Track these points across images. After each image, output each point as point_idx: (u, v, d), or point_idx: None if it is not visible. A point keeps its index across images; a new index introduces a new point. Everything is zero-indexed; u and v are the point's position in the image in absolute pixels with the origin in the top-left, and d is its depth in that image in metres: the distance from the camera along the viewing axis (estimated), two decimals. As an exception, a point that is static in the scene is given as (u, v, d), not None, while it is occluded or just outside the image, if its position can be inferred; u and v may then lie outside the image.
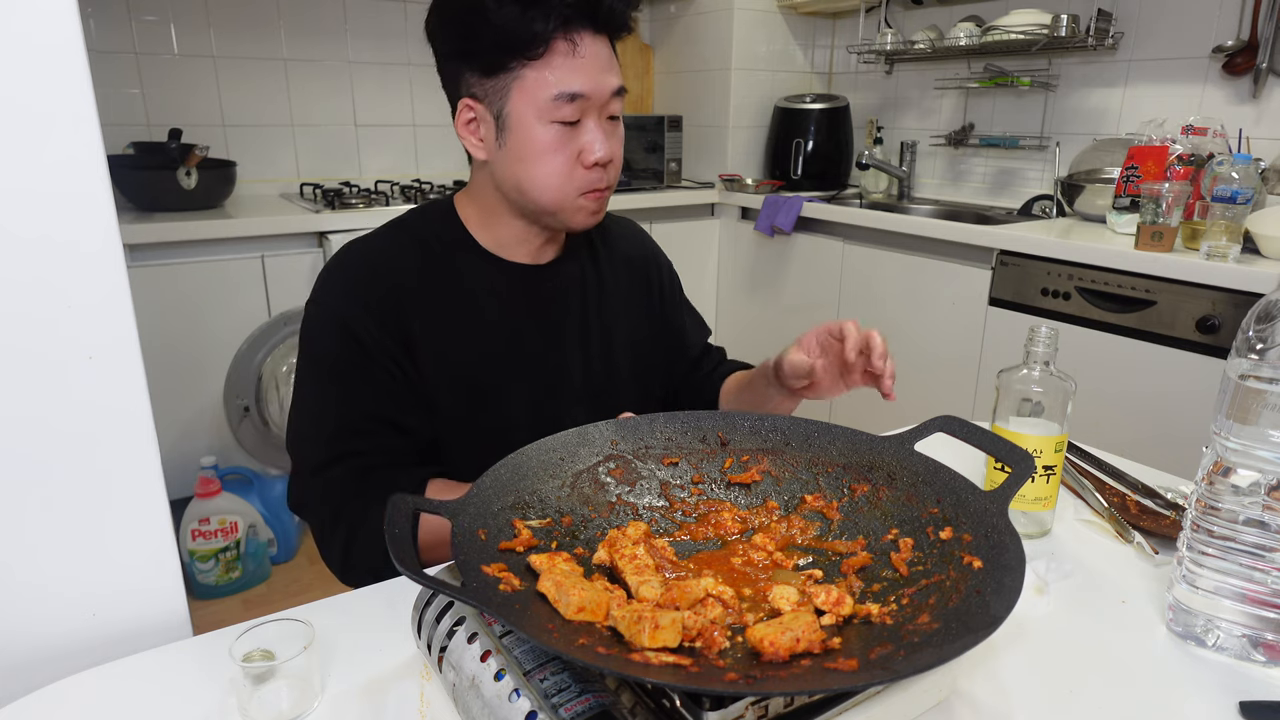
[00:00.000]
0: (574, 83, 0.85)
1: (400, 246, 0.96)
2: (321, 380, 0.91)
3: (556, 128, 0.87)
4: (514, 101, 0.87)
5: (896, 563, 0.62)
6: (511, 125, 0.88)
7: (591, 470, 0.71)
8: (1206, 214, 1.80)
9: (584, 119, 0.88)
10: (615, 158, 0.92)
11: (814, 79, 3.23)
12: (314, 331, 0.93)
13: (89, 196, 0.63)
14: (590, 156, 0.88)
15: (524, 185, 0.90)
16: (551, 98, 0.85)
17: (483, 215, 0.98)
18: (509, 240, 0.98)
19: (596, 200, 0.92)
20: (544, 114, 0.86)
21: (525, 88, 0.86)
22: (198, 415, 2.18)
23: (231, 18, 2.52)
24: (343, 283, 0.93)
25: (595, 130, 0.88)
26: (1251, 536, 0.65)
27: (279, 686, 0.59)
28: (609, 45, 0.89)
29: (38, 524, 0.66)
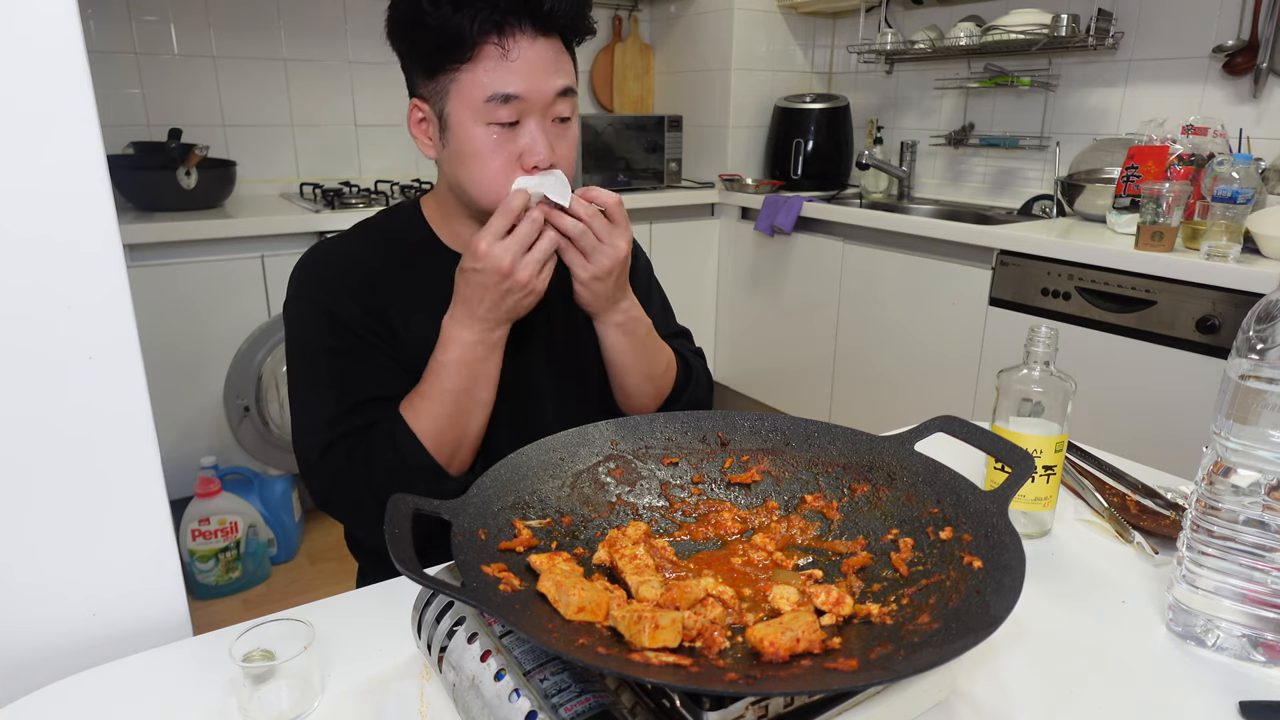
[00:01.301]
0: (506, 84, 0.85)
1: (369, 243, 0.99)
2: (317, 371, 0.93)
3: (494, 129, 0.87)
4: (452, 103, 0.87)
5: (896, 563, 0.62)
6: (451, 126, 0.88)
7: (591, 470, 0.71)
8: (1207, 214, 1.80)
9: (524, 121, 0.87)
10: (561, 160, 0.90)
11: (814, 79, 3.23)
12: (301, 327, 0.94)
13: (89, 196, 0.63)
14: (529, 159, 0.88)
15: (465, 185, 0.91)
16: (484, 99, 0.85)
17: (443, 213, 1.00)
18: (466, 237, 0.98)
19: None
20: (479, 115, 0.86)
21: (460, 89, 0.86)
22: (198, 415, 2.18)
23: (231, 18, 2.52)
24: (320, 276, 0.95)
25: (535, 132, 0.88)
26: (1251, 536, 0.65)
27: (279, 686, 0.59)
28: (558, 45, 0.89)
29: (38, 524, 0.66)
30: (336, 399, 0.91)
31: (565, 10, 0.86)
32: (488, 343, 0.88)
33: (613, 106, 3.32)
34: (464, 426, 0.90)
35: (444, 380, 0.88)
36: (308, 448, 0.91)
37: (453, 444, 0.90)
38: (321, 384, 0.92)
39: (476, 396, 0.90)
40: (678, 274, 2.92)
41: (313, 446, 0.91)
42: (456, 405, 0.89)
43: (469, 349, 0.87)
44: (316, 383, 0.93)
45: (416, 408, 0.89)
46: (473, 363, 0.88)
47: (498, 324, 0.88)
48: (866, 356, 2.53)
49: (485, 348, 0.88)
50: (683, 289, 2.95)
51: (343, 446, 0.90)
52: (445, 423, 0.89)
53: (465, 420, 0.90)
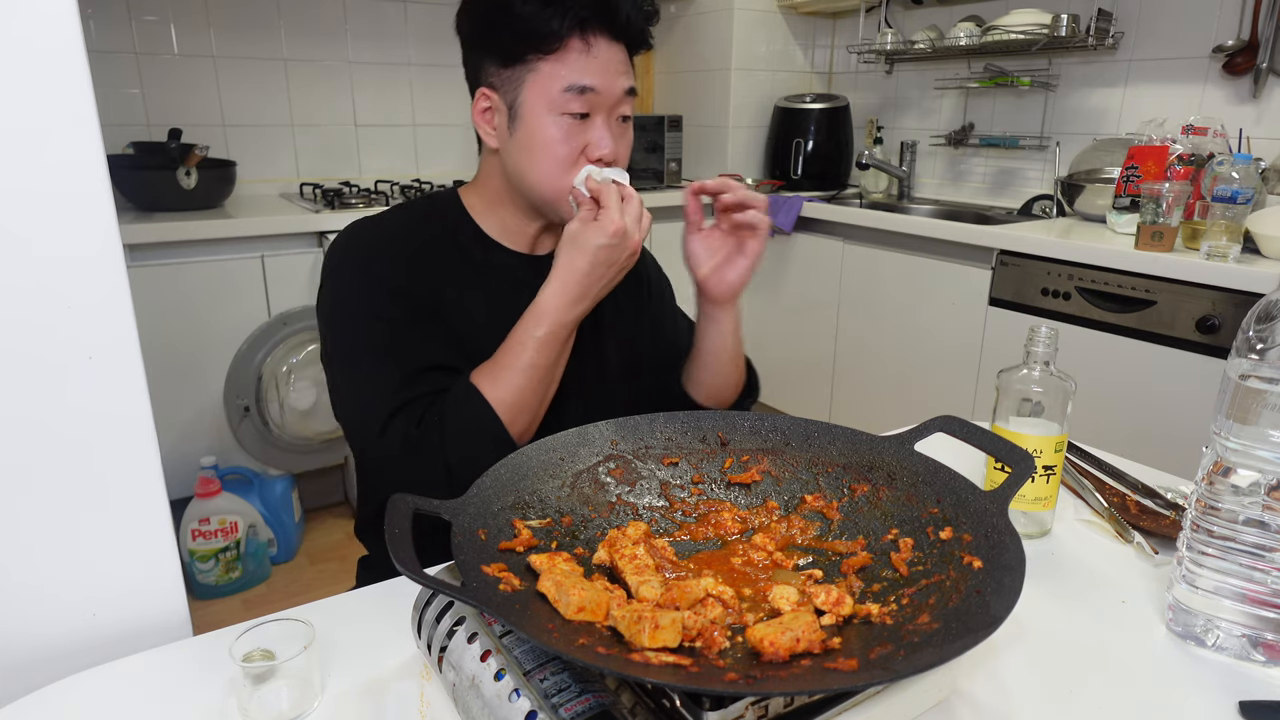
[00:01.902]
0: (585, 77, 0.89)
1: (413, 223, 1.00)
2: (374, 341, 0.92)
3: (565, 121, 0.90)
4: (527, 92, 0.91)
5: (896, 563, 0.62)
6: (523, 115, 0.92)
7: (591, 470, 0.71)
8: (1206, 214, 1.80)
9: (593, 115, 0.92)
10: (620, 159, 0.95)
11: (814, 79, 3.23)
12: (352, 299, 0.94)
13: (89, 197, 0.63)
14: (595, 152, 0.92)
15: (527, 174, 0.94)
16: (562, 89, 0.89)
17: (486, 204, 1.01)
18: (509, 229, 1.01)
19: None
20: (554, 106, 0.90)
21: (538, 80, 0.90)
22: (198, 415, 2.18)
23: (231, 18, 2.52)
24: (372, 248, 0.96)
25: (602, 128, 0.92)
26: (1251, 536, 0.65)
27: (279, 686, 0.59)
28: (625, 53, 0.93)
29: (38, 524, 0.66)
30: (397, 365, 0.90)
31: (636, 20, 0.93)
32: (578, 321, 0.92)
33: (613, 106, 3.32)
34: (540, 401, 0.92)
35: (531, 355, 0.89)
36: (369, 417, 0.90)
37: (529, 416, 0.91)
38: (379, 353, 0.91)
39: (554, 373, 0.93)
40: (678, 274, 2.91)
41: (376, 416, 0.89)
42: (539, 379, 0.90)
43: (565, 327, 0.90)
44: (374, 351, 0.91)
45: (495, 379, 0.89)
46: (564, 341, 0.91)
47: (599, 299, 0.92)
48: (866, 356, 2.53)
49: (573, 327, 0.92)
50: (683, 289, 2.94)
51: (409, 413, 0.88)
52: (527, 394, 0.89)
53: (542, 394, 0.92)
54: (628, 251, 0.89)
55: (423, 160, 2.95)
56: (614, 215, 0.87)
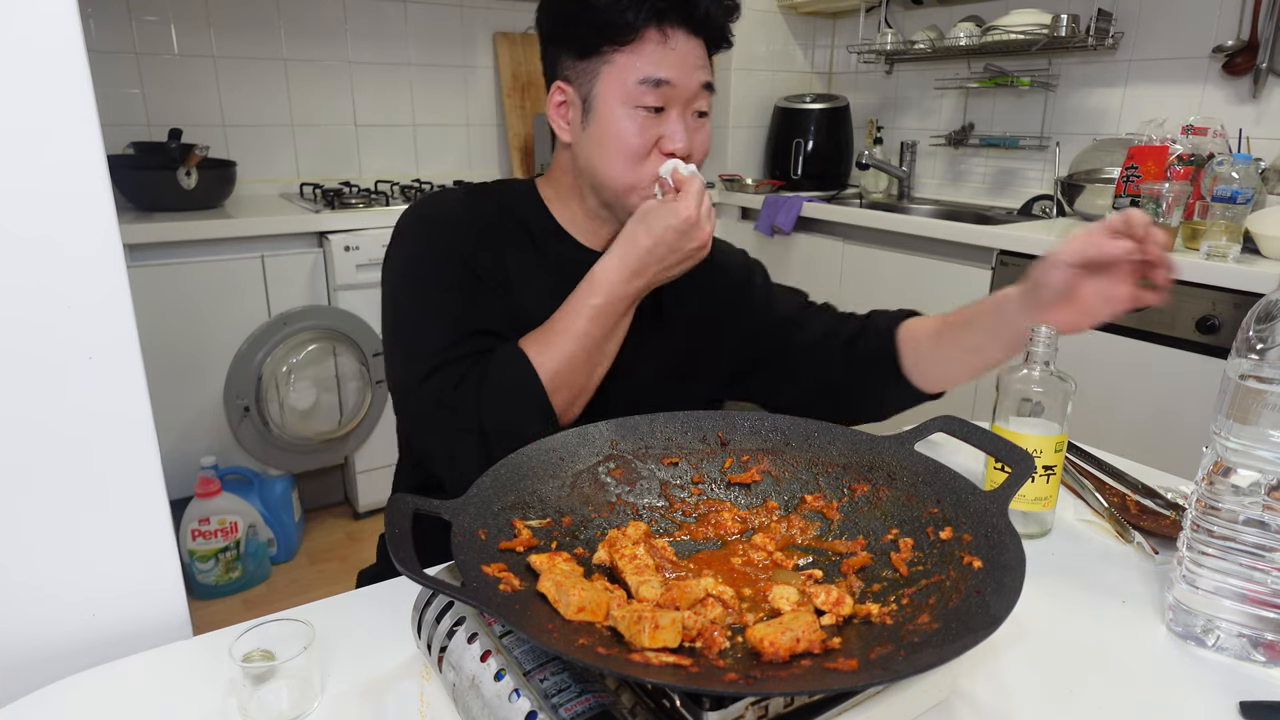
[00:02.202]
0: (660, 70, 0.88)
1: (485, 201, 0.99)
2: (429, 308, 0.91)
3: (639, 114, 0.89)
4: (602, 84, 0.90)
5: (896, 563, 0.62)
6: (597, 107, 0.90)
7: (591, 470, 0.71)
8: (1206, 214, 1.80)
9: (668, 109, 0.90)
10: (695, 154, 0.93)
11: (814, 79, 3.23)
12: (417, 263, 0.93)
13: (89, 197, 0.63)
14: (668, 145, 0.90)
15: (598, 168, 0.92)
16: (637, 81, 0.88)
17: (558, 199, 1.00)
18: (581, 225, 1.00)
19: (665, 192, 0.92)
20: (628, 98, 0.89)
21: (613, 72, 0.89)
22: (198, 415, 2.18)
23: (231, 18, 2.52)
24: (443, 220, 0.95)
25: (677, 122, 0.90)
26: (1251, 536, 0.65)
27: (279, 686, 0.59)
28: (703, 49, 0.92)
29: (37, 524, 0.66)
30: (449, 329, 0.89)
31: (716, 15, 0.91)
32: (635, 297, 0.90)
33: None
34: (588, 375, 0.90)
35: (585, 324, 0.88)
36: (409, 376, 0.89)
37: (574, 390, 0.89)
38: (433, 318, 0.90)
39: (606, 349, 0.91)
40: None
41: (415, 374, 0.88)
42: (588, 351, 0.89)
43: (622, 301, 0.89)
44: (427, 317, 0.91)
45: (544, 344, 0.88)
46: (619, 315, 0.90)
47: (654, 282, 0.90)
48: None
49: (630, 303, 0.90)
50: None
51: (449, 371, 0.87)
52: (575, 365, 0.88)
53: (591, 369, 0.90)
54: (695, 242, 0.88)
55: (423, 160, 2.95)
56: (690, 203, 0.86)
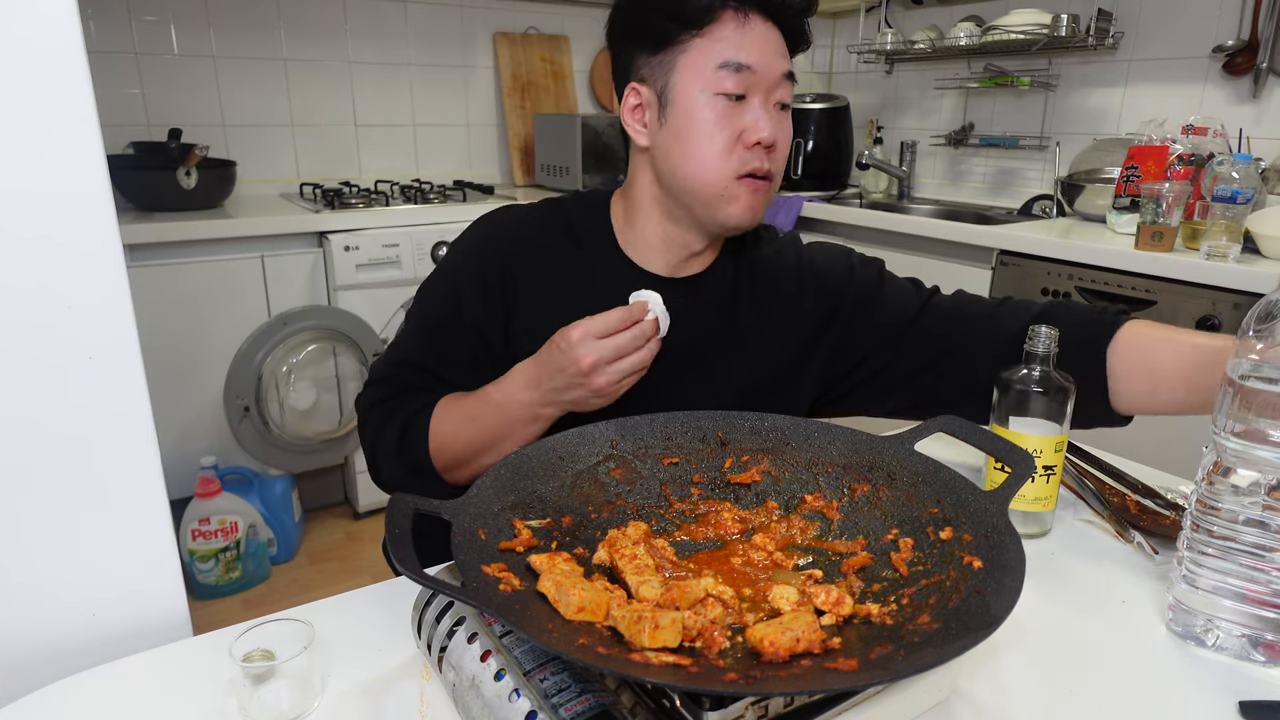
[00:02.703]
0: (740, 53, 0.84)
1: (544, 227, 0.96)
2: (417, 320, 0.98)
3: (720, 101, 0.85)
4: (679, 74, 0.86)
5: (896, 563, 0.62)
6: (674, 99, 0.86)
7: (591, 470, 0.71)
8: (1206, 214, 1.80)
9: (749, 97, 0.86)
10: (780, 145, 0.88)
11: (814, 79, 3.23)
12: (437, 280, 0.97)
13: (89, 196, 0.63)
14: (753, 135, 0.85)
15: (681, 165, 0.87)
16: (716, 65, 0.84)
17: (629, 214, 0.95)
18: (650, 245, 0.94)
19: (754, 190, 0.87)
20: (708, 84, 0.84)
21: (690, 58, 0.85)
22: (198, 415, 2.18)
23: (231, 18, 2.52)
24: (476, 250, 0.96)
25: (760, 110, 0.85)
26: (1251, 536, 0.65)
27: (279, 686, 0.59)
28: (781, 40, 0.88)
29: (37, 524, 0.66)
30: (412, 348, 0.96)
31: (794, 5, 0.87)
32: (535, 413, 0.85)
33: (613, 107, 3.32)
34: (472, 458, 0.89)
35: (483, 412, 0.88)
36: (372, 369, 0.98)
37: (452, 462, 0.91)
38: (413, 328, 0.97)
39: (499, 447, 0.87)
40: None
41: (373, 370, 0.98)
42: (478, 439, 0.88)
43: (518, 406, 0.85)
44: (411, 325, 0.98)
45: (449, 414, 0.90)
46: (512, 420, 0.86)
47: (553, 404, 0.84)
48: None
49: (530, 415, 0.85)
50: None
51: (383, 389, 0.95)
52: (459, 444, 0.89)
53: (478, 455, 0.89)
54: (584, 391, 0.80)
55: (423, 160, 2.95)
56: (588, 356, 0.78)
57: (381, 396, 0.95)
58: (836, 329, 0.99)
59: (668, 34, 0.86)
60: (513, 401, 0.86)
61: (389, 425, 0.93)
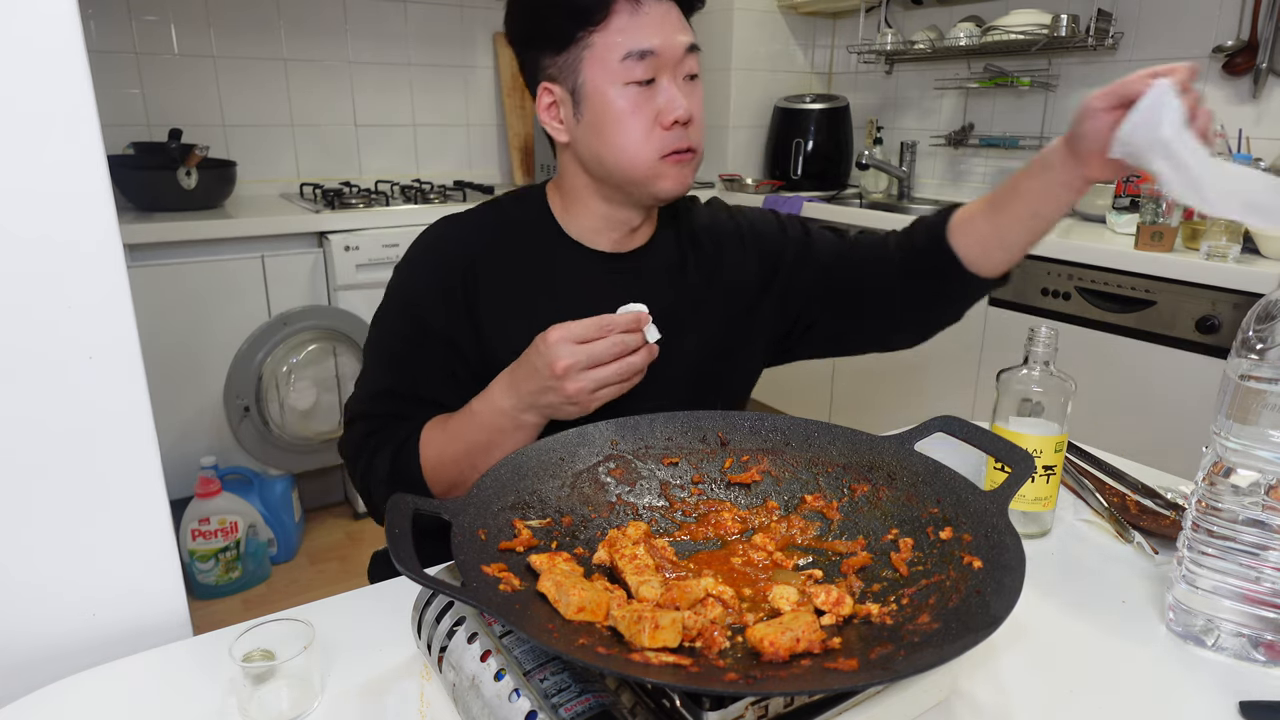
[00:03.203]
0: (641, 40, 0.85)
1: (485, 227, 0.98)
2: (382, 345, 0.96)
3: (631, 90, 0.86)
4: (587, 71, 0.87)
5: (896, 563, 0.62)
6: (587, 95, 0.88)
7: (591, 470, 0.71)
8: (1206, 214, 1.80)
9: (658, 78, 0.87)
10: (696, 117, 0.90)
11: (814, 79, 3.23)
12: (389, 304, 0.97)
13: (89, 196, 0.63)
14: (669, 115, 0.87)
15: (604, 155, 0.89)
16: (621, 58, 0.85)
17: (567, 202, 0.97)
18: (592, 227, 0.97)
19: (679, 164, 0.90)
20: (616, 77, 0.86)
21: (595, 55, 0.86)
22: (198, 415, 2.18)
23: (231, 18, 2.52)
24: (424, 262, 0.96)
25: (671, 88, 0.87)
26: (1251, 536, 0.65)
27: (279, 686, 0.59)
28: (677, 10, 0.89)
29: (37, 524, 0.66)
30: (385, 377, 0.94)
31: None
32: (516, 420, 0.85)
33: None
34: (462, 476, 0.89)
35: (467, 428, 0.88)
36: (349, 407, 0.97)
37: (447, 484, 0.91)
38: (379, 357, 0.96)
39: (489, 458, 0.86)
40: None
41: (350, 409, 0.96)
42: (466, 456, 0.88)
43: (499, 414, 0.85)
44: (377, 354, 0.96)
45: (435, 436, 0.90)
46: (495, 429, 0.86)
47: (532, 409, 0.83)
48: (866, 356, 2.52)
49: (511, 422, 0.85)
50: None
51: (365, 426, 0.94)
52: (448, 464, 0.89)
53: (468, 472, 0.89)
54: (550, 380, 0.79)
55: (423, 160, 2.95)
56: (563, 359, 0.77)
57: (364, 433, 0.93)
58: (779, 287, 1.04)
59: (567, 34, 0.87)
60: (494, 410, 0.86)
61: (378, 459, 0.92)
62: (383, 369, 0.95)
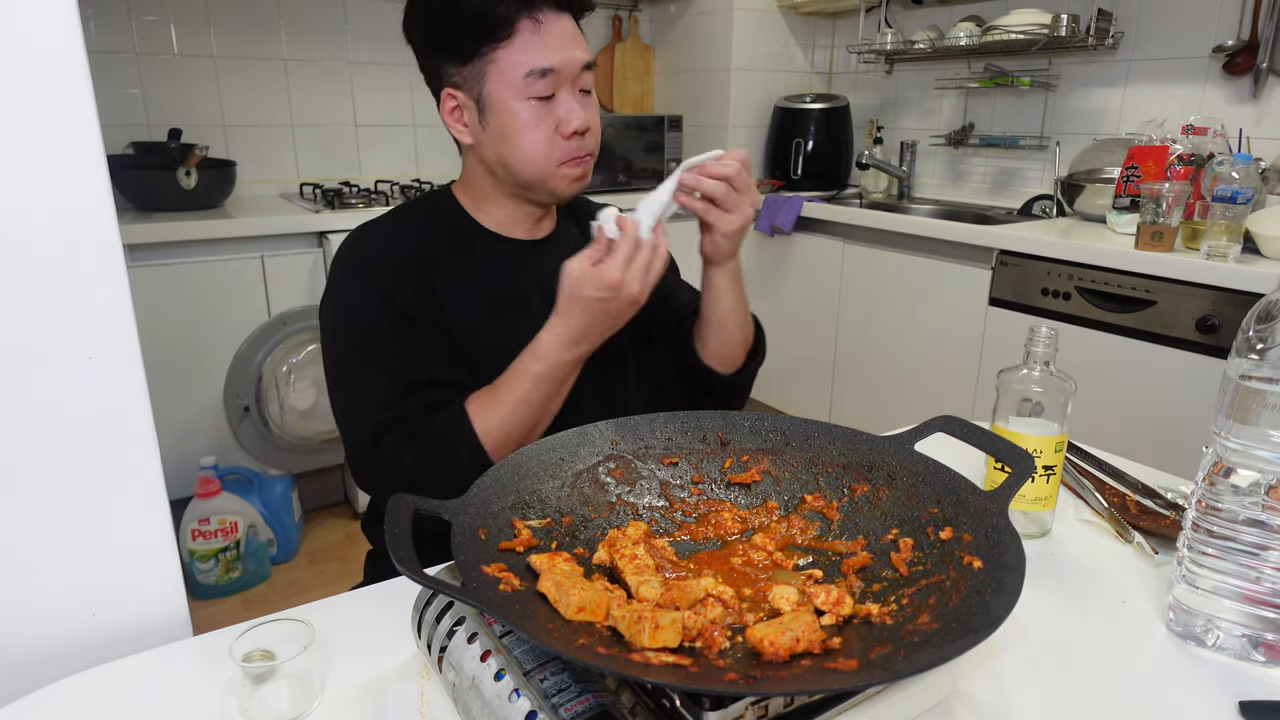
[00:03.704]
0: (543, 59, 0.91)
1: (411, 226, 1.02)
2: (370, 354, 0.93)
3: (533, 104, 0.92)
4: (491, 84, 0.92)
5: (896, 563, 0.62)
6: (491, 105, 0.93)
7: (591, 470, 0.71)
8: (1206, 214, 1.80)
9: (558, 93, 0.93)
10: (592, 126, 0.97)
11: (814, 79, 3.23)
12: (351, 311, 0.95)
13: (89, 196, 0.63)
14: (568, 127, 0.93)
15: (509, 162, 0.95)
16: (524, 75, 0.91)
17: (476, 199, 1.03)
18: (504, 219, 1.03)
19: (577, 167, 0.97)
20: (520, 92, 0.91)
21: (499, 70, 0.91)
22: (198, 415, 2.18)
23: (231, 18, 2.52)
24: (370, 260, 0.97)
25: (569, 101, 0.94)
26: (1251, 536, 0.65)
27: (279, 686, 0.59)
28: (573, 22, 0.95)
29: (37, 524, 0.66)
30: (390, 381, 0.91)
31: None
32: (579, 360, 0.91)
33: (613, 106, 3.32)
34: (528, 433, 0.91)
35: (526, 391, 0.89)
36: (360, 430, 0.91)
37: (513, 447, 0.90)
38: (375, 367, 0.93)
39: (550, 409, 0.92)
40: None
41: (366, 429, 0.91)
42: (531, 417, 0.90)
43: (563, 367, 0.89)
44: (369, 366, 0.93)
45: (489, 409, 0.90)
46: (562, 379, 0.91)
47: (584, 341, 0.89)
48: (866, 357, 2.53)
49: (575, 365, 0.91)
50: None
51: (399, 431, 0.89)
52: (516, 431, 0.90)
53: (534, 431, 0.91)
54: (624, 302, 0.86)
55: (423, 160, 2.95)
56: (613, 269, 0.84)
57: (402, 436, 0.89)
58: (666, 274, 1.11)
59: (472, 48, 0.92)
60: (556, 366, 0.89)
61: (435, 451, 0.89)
62: (383, 376, 0.92)
